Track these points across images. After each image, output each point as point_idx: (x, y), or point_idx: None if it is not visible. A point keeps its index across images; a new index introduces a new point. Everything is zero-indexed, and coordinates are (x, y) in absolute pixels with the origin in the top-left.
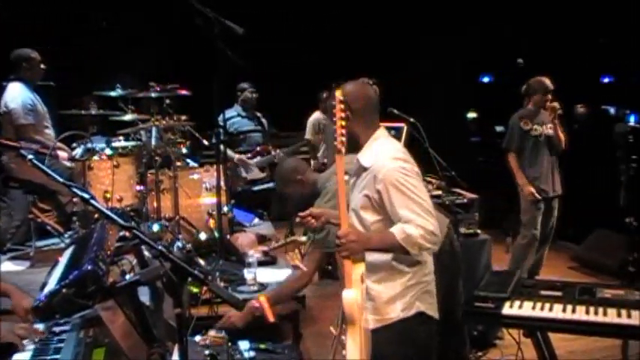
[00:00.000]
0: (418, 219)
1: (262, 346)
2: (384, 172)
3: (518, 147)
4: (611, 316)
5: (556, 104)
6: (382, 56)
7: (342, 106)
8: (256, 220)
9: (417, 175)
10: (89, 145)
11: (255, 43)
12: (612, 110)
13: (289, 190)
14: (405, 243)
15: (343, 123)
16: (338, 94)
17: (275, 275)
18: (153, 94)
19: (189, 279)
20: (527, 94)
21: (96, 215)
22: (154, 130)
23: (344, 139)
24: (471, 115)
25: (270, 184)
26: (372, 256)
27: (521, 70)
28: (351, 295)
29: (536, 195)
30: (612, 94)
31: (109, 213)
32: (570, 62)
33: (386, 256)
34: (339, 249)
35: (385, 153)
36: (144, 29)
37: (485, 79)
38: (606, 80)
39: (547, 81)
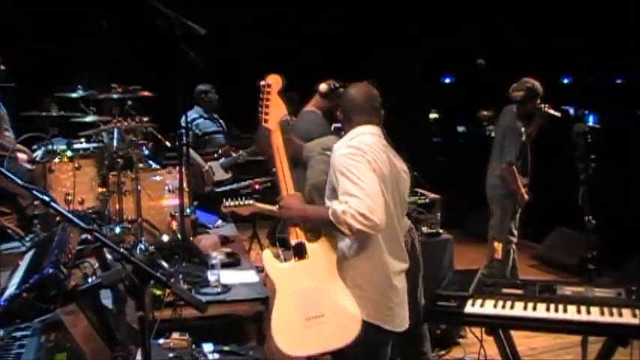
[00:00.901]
0: (352, 200)
1: (226, 347)
2: (335, 159)
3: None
4: (571, 313)
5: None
6: (343, 57)
7: (264, 88)
8: (219, 222)
9: (366, 163)
10: (50, 147)
11: (216, 44)
12: (571, 110)
13: None
14: (333, 219)
15: (267, 103)
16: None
17: (239, 277)
18: (114, 96)
19: (152, 281)
20: (527, 101)
21: (57, 218)
22: (115, 131)
23: (267, 117)
24: (433, 115)
25: (234, 186)
26: (339, 242)
27: (482, 71)
28: (266, 254)
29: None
30: (571, 94)
31: (70, 216)
32: (530, 63)
33: (342, 246)
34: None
35: (346, 142)
36: (106, 30)
37: (447, 80)
38: (566, 81)
39: (538, 83)
